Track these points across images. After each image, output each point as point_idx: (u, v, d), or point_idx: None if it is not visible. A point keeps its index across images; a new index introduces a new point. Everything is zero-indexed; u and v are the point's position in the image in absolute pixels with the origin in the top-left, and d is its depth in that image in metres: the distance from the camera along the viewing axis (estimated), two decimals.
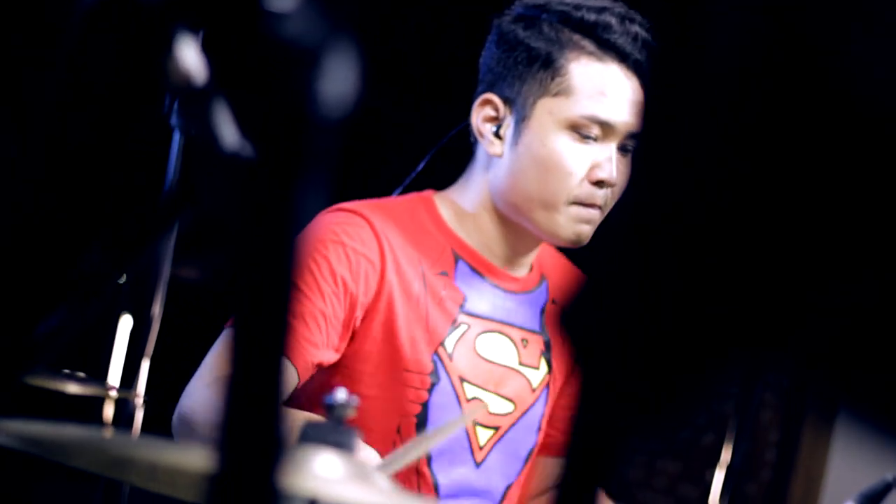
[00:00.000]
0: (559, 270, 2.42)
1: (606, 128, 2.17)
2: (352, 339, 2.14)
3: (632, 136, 2.19)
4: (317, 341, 2.09)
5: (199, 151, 1.12)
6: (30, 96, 0.95)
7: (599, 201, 2.18)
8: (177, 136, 2.27)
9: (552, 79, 2.18)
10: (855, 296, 0.79)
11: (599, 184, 2.17)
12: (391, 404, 2.15)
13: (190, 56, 1.07)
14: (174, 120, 2.27)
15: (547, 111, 2.18)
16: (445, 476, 2.21)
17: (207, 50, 0.83)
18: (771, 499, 3.96)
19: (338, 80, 0.78)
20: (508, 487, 2.30)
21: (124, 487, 2.74)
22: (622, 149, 2.20)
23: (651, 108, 0.78)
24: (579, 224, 2.19)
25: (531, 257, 2.33)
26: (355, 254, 2.14)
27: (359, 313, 2.13)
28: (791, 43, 0.74)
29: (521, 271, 2.33)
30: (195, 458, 1.23)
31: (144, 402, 2.55)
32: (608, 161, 2.17)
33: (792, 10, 0.74)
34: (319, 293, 2.10)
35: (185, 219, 1.07)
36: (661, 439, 4.23)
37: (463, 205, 2.28)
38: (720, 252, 0.79)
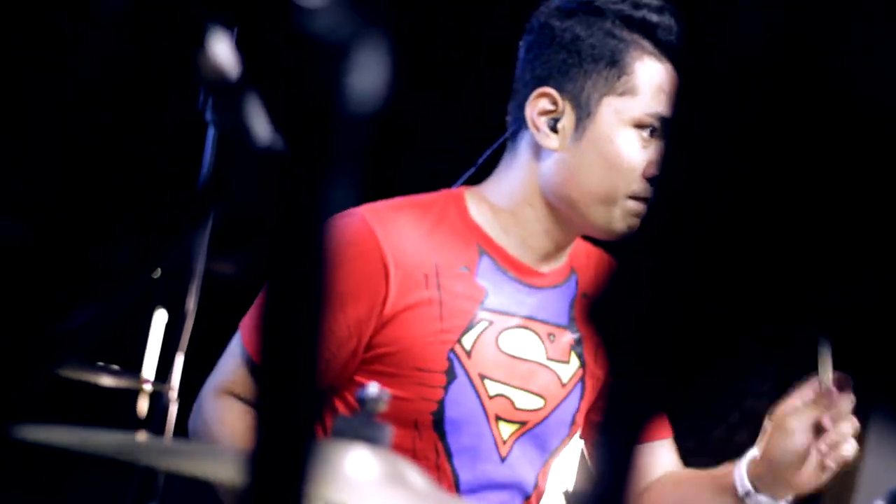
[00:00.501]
0: (591, 263, 2.42)
1: (664, 124, 2.19)
2: (365, 349, 2.18)
3: None
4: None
5: (231, 146, 1.12)
6: (60, 90, 0.96)
7: (650, 195, 2.20)
8: (211, 131, 2.28)
9: (618, 77, 2.22)
10: (885, 293, 0.79)
11: (651, 178, 2.19)
12: (407, 402, 2.16)
13: (223, 51, 1.08)
14: (208, 115, 2.29)
15: (613, 109, 2.22)
16: (468, 472, 2.22)
17: (240, 45, 0.83)
18: (804, 497, 3.94)
19: (367, 75, 0.78)
20: (537, 476, 2.31)
21: (160, 476, 2.76)
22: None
23: (680, 102, 0.78)
24: (632, 217, 2.23)
25: (568, 251, 2.33)
26: (360, 267, 2.16)
27: (373, 322, 2.16)
28: (799, 42, 0.74)
29: (552, 266, 2.33)
30: (227, 469, 1.24)
31: (178, 396, 2.57)
32: (658, 156, 2.18)
33: (799, 10, 0.74)
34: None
35: (219, 213, 1.08)
36: (694, 437, 4.22)
37: (497, 201, 2.28)
38: (751, 245, 0.79)
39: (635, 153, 2.21)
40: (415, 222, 2.22)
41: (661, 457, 2.42)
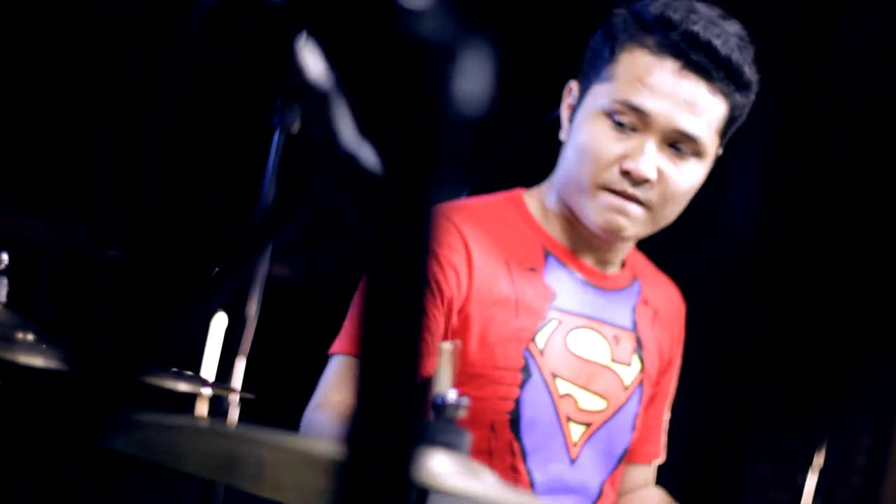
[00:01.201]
0: (650, 274, 2.41)
1: (643, 117, 2.15)
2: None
3: (685, 136, 2.17)
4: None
5: (317, 151, 1.12)
6: (155, 98, 0.96)
7: (630, 191, 2.16)
8: (276, 136, 2.29)
9: (604, 66, 2.20)
10: None
11: (628, 175, 2.15)
12: (484, 403, 2.15)
13: (311, 57, 1.08)
14: (276, 119, 2.29)
15: (593, 97, 2.20)
16: (542, 473, 2.21)
17: (336, 50, 0.83)
18: None
19: (472, 77, 0.78)
20: (603, 483, 2.30)
21: (218, 488, 2.75)
22: (674, 147, 2.18)
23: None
24: (610, 212, 2.18)
25: (615, 253, 2.31)
26: (446, 260, 2.15)
27: (454, 318, 2.14)
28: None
29: (612, 268, 2.32)
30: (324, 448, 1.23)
31: (241, 400, 2.57)
32: (640, 153, 2.15)
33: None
34: None
35: (302, 218, 1.08)
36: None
37: (546, 201, 2.29)
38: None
39: (604, 142, 2.16)
40: (483, 223, 2.22)
41: (646, 475, 2.47)
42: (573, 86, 2.26)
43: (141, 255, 0.84)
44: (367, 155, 1.12)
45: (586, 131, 2.18)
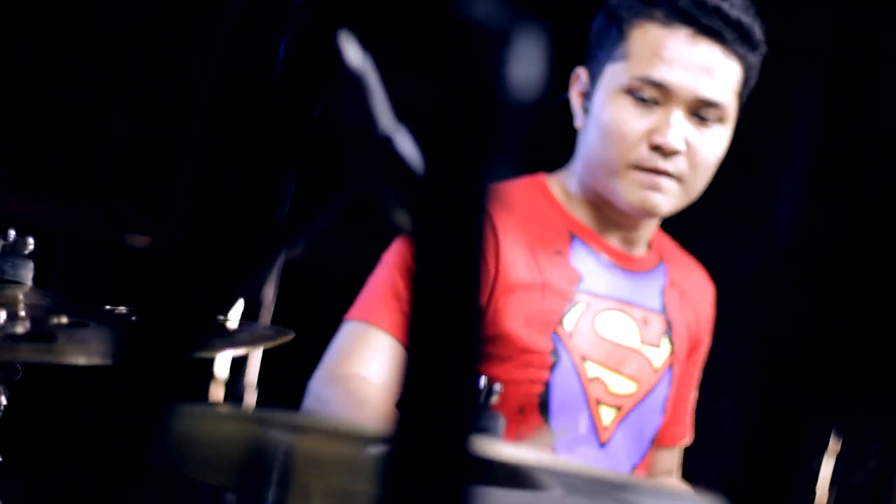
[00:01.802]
0: (677, 257, 2.41)
1: (664, 91, 2.15)
2: None
3: (708, 103, 2.17)
4: None
5: (353, 135, 1.11)
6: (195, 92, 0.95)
7: (662, 166, 2.15)
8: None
9: (616, 46, 2.19)
10: None
11: (658, 149, 2.15)
12: (514, 387, 2.14)
13: (346, 41, 1.07)
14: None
15: (609, 76, 2.19)
16: (570, 456, 2.20)
17: (387, 33, 0.82)
18: (877, 488, 3.91)
19: (526, 62, 0.77)
20: (633, 468, 2.29)
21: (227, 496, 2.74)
22: (698, 116, 2.17)
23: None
24: (643, 190, 2.17)
25: (641, 235, 2.30)
26: None
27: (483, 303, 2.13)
28: None
29: (638, 250, 2.31)
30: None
31: (257, 387, 2.56)
32: (667, 125, 2.15)
33: None
34: None
35: (339, 204, 1.07)
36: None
37: (570, 185, 2.28)
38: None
39: (628, 120, 2.16)
40: (509, 207, 2.21)
41: (672, 458, 2.47)
42: (581, 72, 2.25)
43: (186, 249, 0.84)
44: (404, 140, 1.12)
45: (608, 112, 2.17)
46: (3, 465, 1.56)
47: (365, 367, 2.09)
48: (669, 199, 2.18)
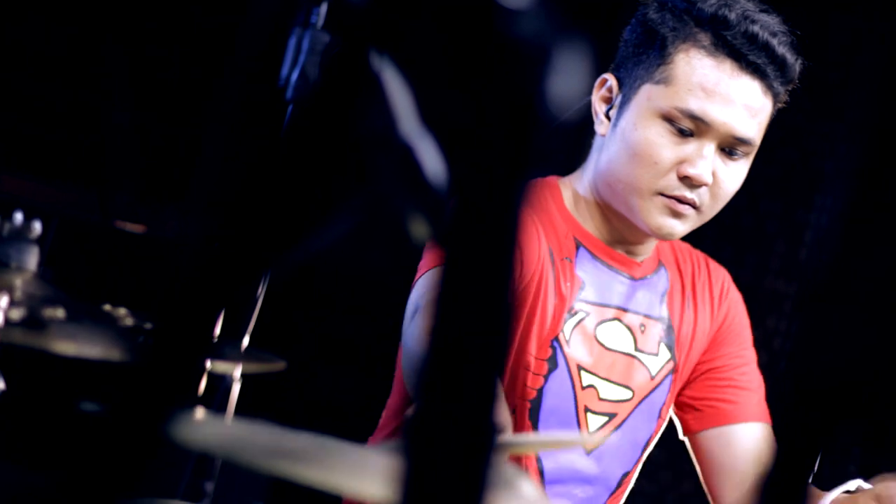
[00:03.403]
0: (681, 256, 2.39)
1: (701, 124, 2.13)
2: None
3: (741, 140, 2.16)
4: None
5: (376, 140, 1.11)
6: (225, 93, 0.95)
7: (687, 197, 2.15)
8: (290, 110, 2.27)
9: (658, 66, 2.15)
10: None
11: (685, 179, 2.14)
12: (510, 389, 2.14)
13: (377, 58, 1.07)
14: (290, 93, 2.27)
15: (646, 97, 2.15)
16: (552, 461, 2.20)
17: (431, 46, 0.82)
18: None
19: (568, 80, 0.77)
20: (625, 475, 2.29)
21: (216, 460, 2.74)
22: (728, 152, 2.17)
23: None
24: (665, 216, 2.16)
25: (648, 245, 2.29)
26: None
27: None
28: None
29: (641, 257, 2.31)
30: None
31: (241, 378, 2.56)
32: (699, 158, 2.14)
33: None
34: None
35: (359, 208, 1.08)
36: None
37: (580, 190, 2.26)
38: None
39: (661, 147, 2.14)
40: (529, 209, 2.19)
41: (750, 440, 2.36)
42: (609, 79, 2.21)
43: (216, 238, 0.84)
44: (427, 149, 1.12)
45: (642, 134, 2.14)
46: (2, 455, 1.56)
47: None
48: (686, 225, 2.19)
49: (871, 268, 0.78)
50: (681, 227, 2.18)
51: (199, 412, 2.36)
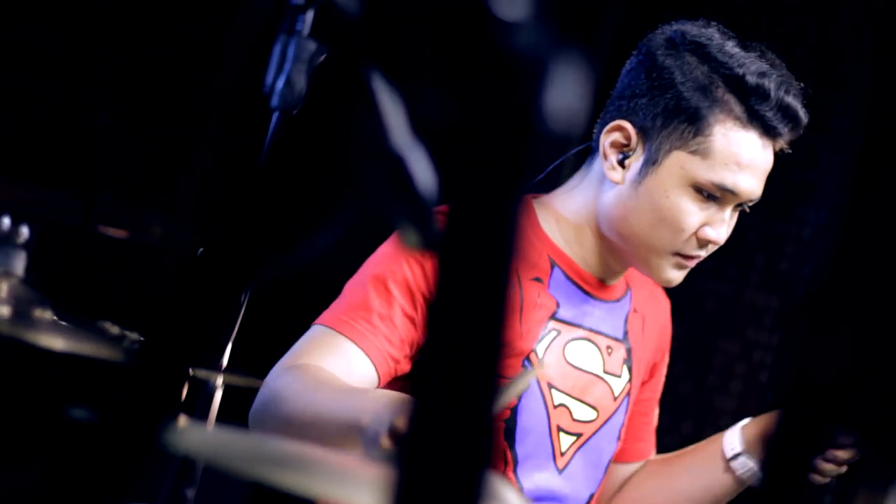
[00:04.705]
0: (641, 279, 2.42)
1: (729, 194, 2.15)
2: None
3: (754, 200, 2.19)
4: (401, 346, 2.08)
5: (367, 150, 1.12)
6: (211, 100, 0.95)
7: (700, 255, 2.19)
8: (275, 117, 2.26)
9: (693, 135, 2.14)
10: None
11: (705, 242, 2.17)
12: None
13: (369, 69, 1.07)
14: (275, 101, 2.27)
15: (679, 164, 2.15)
16: (529, 482, 2.21)
17: (429, 58, 0.82)
18: None
19: (564, 92, 0.77)
20: (592, 496, 2.30)
21: (198, 463, 2.74)
22: (736, 206, 2.19)
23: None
24: (676, 272, 2.21)
25: (622, 272, 2.32)
26: None
27: None
28: None
29: (613, 281, 2.33)
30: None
31: (223, 384, 2.56)
32: (721, 223, 2.16)
33: None
34: (409, 297, 2.09)
35: (349, 216, 1.08)
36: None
37: (565, 213, 2.26)
38: None
39: (690, 214, 2.16)
40: None
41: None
42: (627, 127, 2.19)
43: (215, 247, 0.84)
44: (418, 158, 1.12)
45: (674, 203, 2.15)
46: None
47: (324, 362, 2.04)
48: (685, 274, 2.23)
49: (862, 278, 0.79)
50: (682, 277, 2.24)
51: (182, 419, 2.36)
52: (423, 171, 1.08)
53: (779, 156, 2.20)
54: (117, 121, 3.34)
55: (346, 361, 2.06)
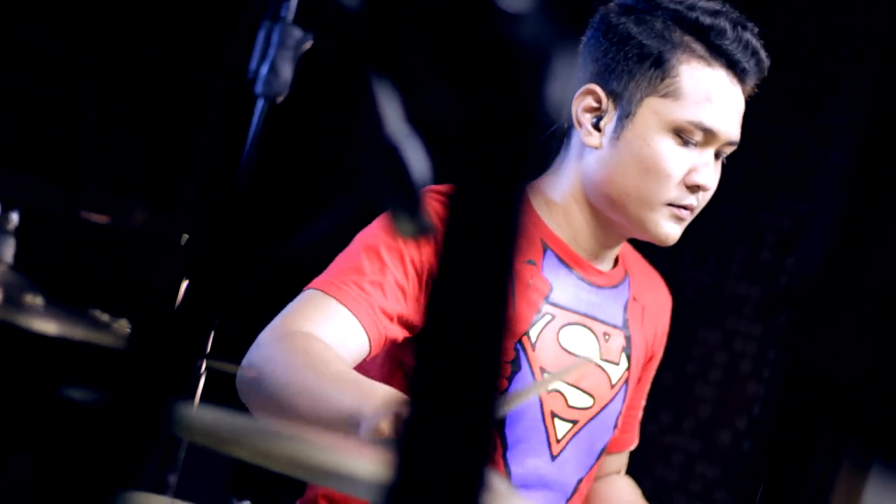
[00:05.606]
0: (640, 269, 2.42)
1: (709, 134, 2.17)
2: None
3: (732, 144, 2.20)
4: (391, 312, 2.07)
5: (363, 140, 1.12)
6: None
7: (692, 203, 2.19)
8: (259, 104, 2.26)
9: (661, 79, 2.16)
10: None
11: (694, 188, 2.18)
12: None
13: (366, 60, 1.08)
14: (259, 88, 2.26)
15: (653, 111, 2.17)
16: (520, 466, 2.20)
17: (430, 50, 0.83)
18: None
19: (562, 83, 0.78)
20: (580, 481, 2.30)
21: (181, 449, 2.74)
22: (717, 154, 2.21)
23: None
24: (672, 224, 2.20)
25: (615, 252, 2.32)
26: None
27: None
28: None
29: (606, 265, 2.32)
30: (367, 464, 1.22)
31: (206, 370, 2.56)
32: (706, 167, 2.18)
33: None
34: (402, 267, 2.09)
35: (345, 206, 1.08)
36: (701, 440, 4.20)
37: (552, 195, 2.27)
38: None
39: (672, 159, 2.17)
40: None
41: (620, 462, 2.56)
42: (596, 90, 2.19)
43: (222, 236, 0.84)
44: (414, 148, 1.13)
45: (655, 149, 2.17)
46: None
47: (317, 328, 2.02)
48: (683, 227, 2.23)
49: (862, 273, 0.80)
50: (679, 231, 2.23)
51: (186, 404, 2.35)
52: (417, 160, 1.09)
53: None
54: (105, 109, 3.34)
55: (338, 327, 2.04)
